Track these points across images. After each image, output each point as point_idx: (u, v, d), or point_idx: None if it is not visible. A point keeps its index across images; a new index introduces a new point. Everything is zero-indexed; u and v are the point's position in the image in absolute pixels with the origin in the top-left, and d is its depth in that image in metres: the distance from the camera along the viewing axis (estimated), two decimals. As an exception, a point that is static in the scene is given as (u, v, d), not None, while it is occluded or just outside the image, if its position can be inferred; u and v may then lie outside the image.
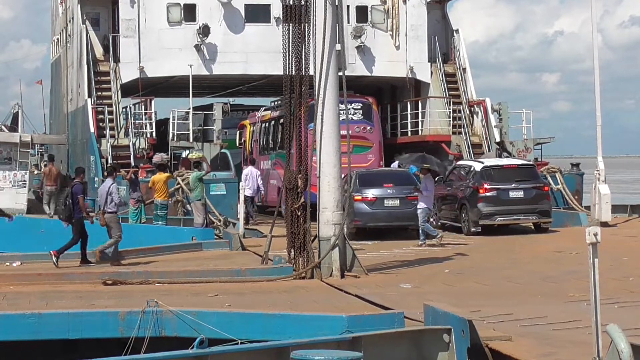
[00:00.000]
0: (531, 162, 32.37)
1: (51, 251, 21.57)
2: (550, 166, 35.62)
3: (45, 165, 42.05)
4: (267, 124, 38.27)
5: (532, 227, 28.89)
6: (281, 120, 36.08)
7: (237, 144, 41.74)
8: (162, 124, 43.56)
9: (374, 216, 27.15)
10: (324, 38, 18.86)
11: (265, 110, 39.55)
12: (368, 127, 33.56)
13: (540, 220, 28.40)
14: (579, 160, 37.08)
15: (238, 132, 42.45)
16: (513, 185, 28.27)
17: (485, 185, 28.10)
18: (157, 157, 35.06)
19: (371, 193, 27.42)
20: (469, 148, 39.78)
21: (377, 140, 34.14)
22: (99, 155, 38.29)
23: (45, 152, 55.44)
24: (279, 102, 39.30)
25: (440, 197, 30.02)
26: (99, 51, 42.00)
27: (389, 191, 27.75)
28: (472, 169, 29.18)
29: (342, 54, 19.15)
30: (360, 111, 35.65)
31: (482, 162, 29.78)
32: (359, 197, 27.28)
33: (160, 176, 29.09)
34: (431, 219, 26.55)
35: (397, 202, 27.55)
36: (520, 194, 28.14)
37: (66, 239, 21.94)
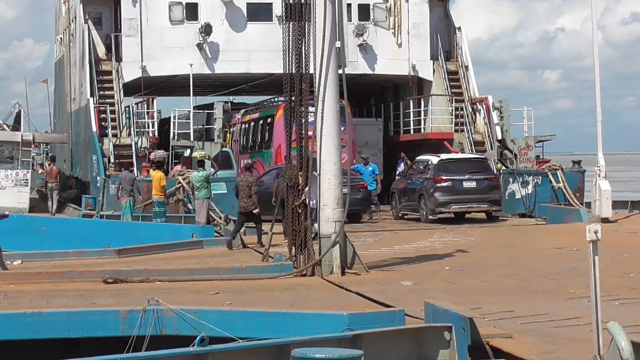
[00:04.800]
0: (484, 157, 34.76)
1: (285, 239, 21.38)
2: (551, 164, 35.60)
3: (48, 165, 42.49)
4: (246, 125, 39.07)
5: (485, 216, 31.43)
6: (261, 122, 37.54)
7: None
8: (166, 123, 43.58)
9: None
10: (323, 35, 18.80)
11: (245, 112, 40.29)
12: (342, 128, 34.15)
13: (491, 208, 31.07)
14: (580, 158, 37.05)
15: None
16: (467, 176, 30.79)
17: (442, 176, 30.49)
18: (154, 154, 35.14)
19: None
20: (471, 146, 39.72)
21: (351, 140, 34.73)
22: (101, 154, 38.35)
23: (51, 152, 55.58)
24: (263, 102, 40.05)
25: (401, 189, 32.66)
26: (101, 50, 42.06)
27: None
28: (429, 162, 31.61)
29: (342, 51, 19.09)
30: None
31: (439, 156, 32.26)
32: None
33: (157, 173, 29.08)
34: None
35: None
36: (473, 184, 30.74)
37: (67, 238, 21.79)
